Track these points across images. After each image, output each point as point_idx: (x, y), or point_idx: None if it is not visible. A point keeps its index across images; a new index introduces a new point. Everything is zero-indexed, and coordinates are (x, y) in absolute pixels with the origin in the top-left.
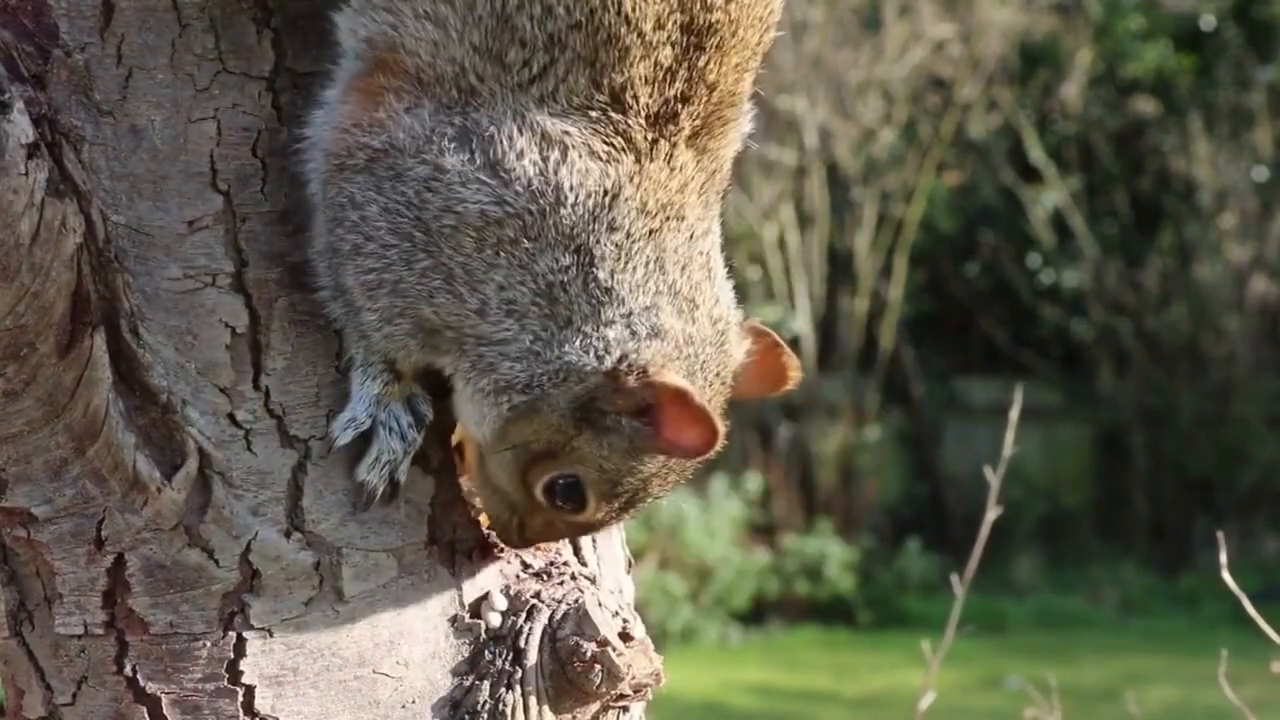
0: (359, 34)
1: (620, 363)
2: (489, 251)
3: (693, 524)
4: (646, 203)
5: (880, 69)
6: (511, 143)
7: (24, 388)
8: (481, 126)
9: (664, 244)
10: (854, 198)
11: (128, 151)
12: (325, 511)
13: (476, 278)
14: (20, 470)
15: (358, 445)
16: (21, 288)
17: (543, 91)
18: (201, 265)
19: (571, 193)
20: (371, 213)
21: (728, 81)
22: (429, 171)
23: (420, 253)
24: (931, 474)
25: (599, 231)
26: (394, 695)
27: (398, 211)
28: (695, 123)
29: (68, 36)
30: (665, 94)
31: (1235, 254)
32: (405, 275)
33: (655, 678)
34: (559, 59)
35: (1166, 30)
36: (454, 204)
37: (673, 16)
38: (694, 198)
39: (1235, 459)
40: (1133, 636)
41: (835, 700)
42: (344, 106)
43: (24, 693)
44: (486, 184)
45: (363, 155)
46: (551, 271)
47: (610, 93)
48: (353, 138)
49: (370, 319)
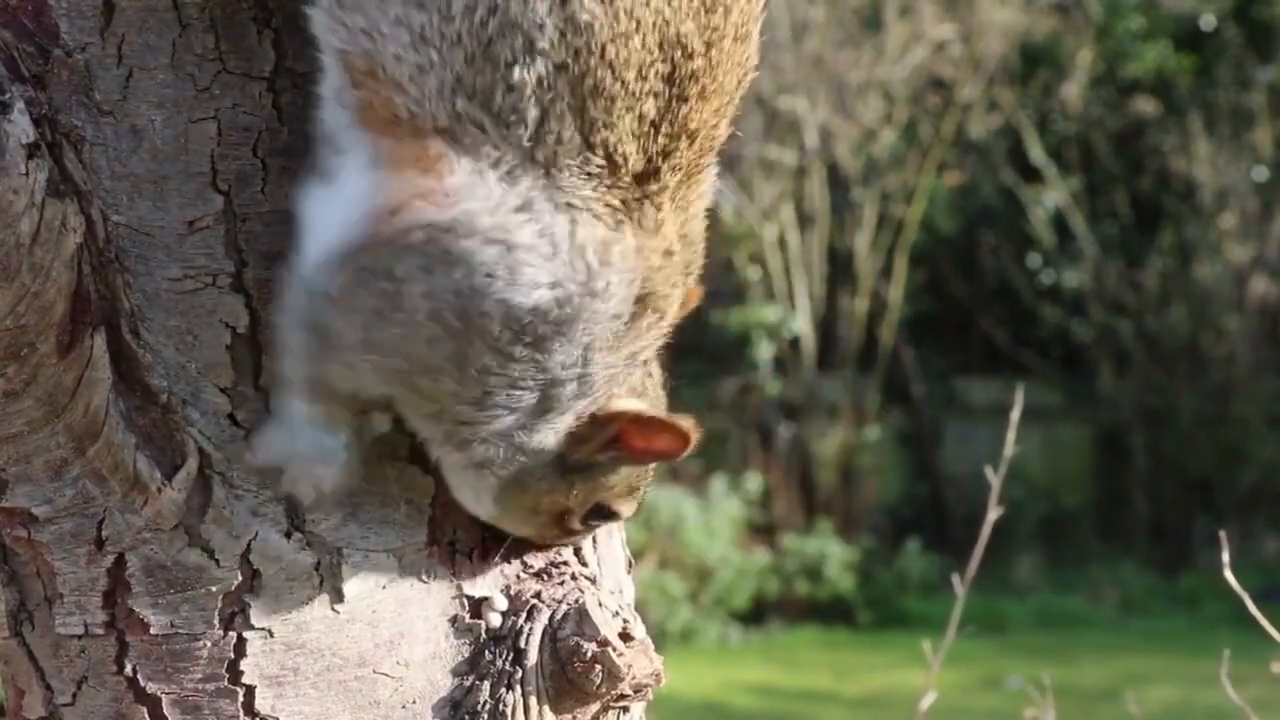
0: (332, 43)
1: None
2: (521, 347)
3: (693, 524)
4: (647, 280)
5: (881, 69)
6: (555, 219)
7: (24, 388)
8: (530, 197)
9: (649, 327)
10: (854, 198)
11: (128, 152)
12: (325, 512)
13: (492, 372)
14: (20, 470)
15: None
16: (22, 288)
17: (545, 158)
18: (202, 265)
19: (604, 280)
20: (410, 293)
21: (707, 127)
22: (496, 255)
23: (446, 339)
24: (931, 474)
25: (611, 323)
26: (394, 695)
27: (444, 300)
28: (676, 177)
29: (68, 36)
30: (648, 150)
31: (1235, 254)
32: (418, 350)
33: (655, 678)
34: (550, 111)
35: (1166, 30)
36: (514, 292)
37: (654, 66)
38: (678, 267)
39: (1235, 459)
40: (1133, 636)
41: (835, 700)
42: (388, 174)
43: (24, 693)
44: (547, 264)
45: (421, 234)
46: (562, 368)
47: (604, 153)
48: (413, 213)
49: (339, 364)
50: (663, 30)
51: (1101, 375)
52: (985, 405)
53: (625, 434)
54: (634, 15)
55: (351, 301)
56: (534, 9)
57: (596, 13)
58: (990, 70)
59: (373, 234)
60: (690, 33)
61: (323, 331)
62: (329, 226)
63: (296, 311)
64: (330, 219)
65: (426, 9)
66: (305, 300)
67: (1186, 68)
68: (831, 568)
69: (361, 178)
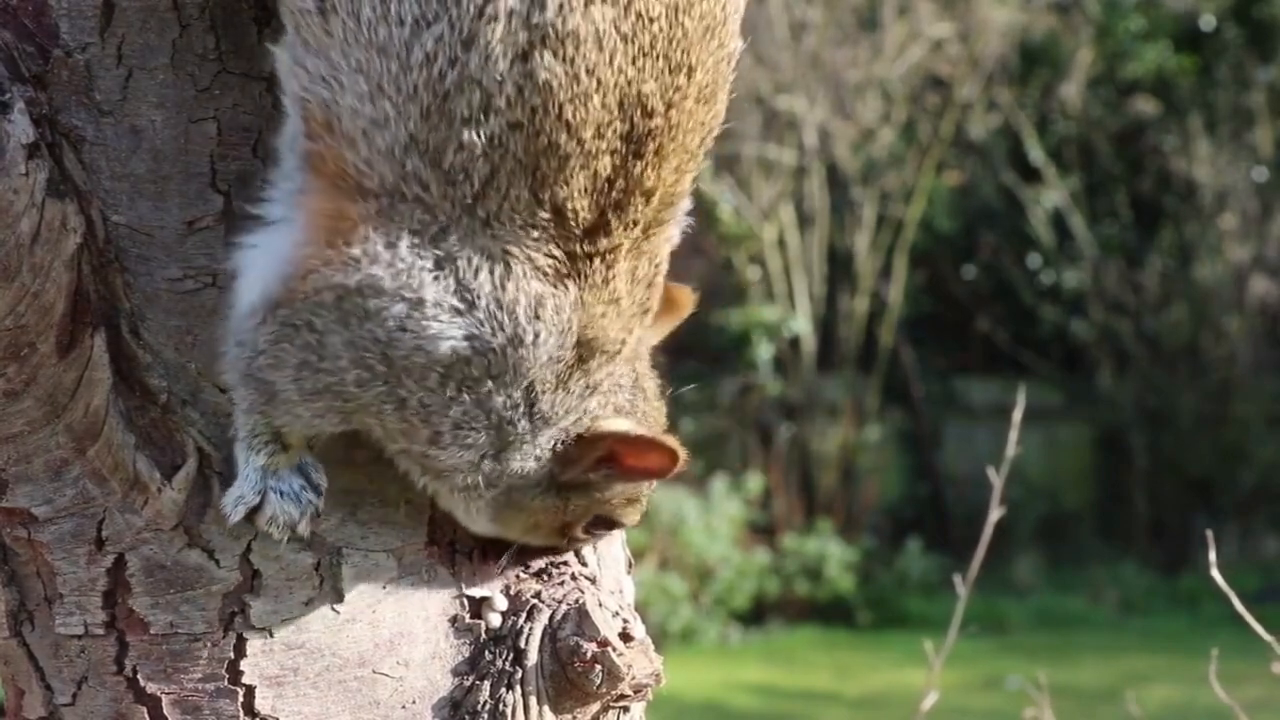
0: (293, 88)
1: (558, 448)
2: (451, 389)
3: (693, 524)
4: (586, 329)
5: (879, 68)
6: (477, 274)
7: (24, 388)
8: (453, 255)
9: (600, 366)
10: (854, 198)
11: (128, 152)
12: (325, 512)
13: (432, 411)
14: (21, 470)
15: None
16: (22, 288)
17: (488, 212)
18: (201, 265)
19: (532, 332)
20: (332, 342)
21: (665, 185)
22: (405, 310)
23: (379, 382)
24: (932, 474)
25: (549, 366)
26: (394, 695)
27: (364, 348)
28: (632, 233)
29: (68, 37)
30: (601, 204)
31: (1235, 254)
32: (356, 393)
33: (655, 678)
34: (500, 168)
35: (1166, 30)
36: (426, 342)
37: (612, 125)
38: (626, 312)
39: (1235, 459)
40: (1132, 636)
41: (835, 700)
42: (303, 236)
43: (24, 693)
44: (459, 319)
45: (331, 294)
46: (504, 408)
47: (552, 208)
48: (321, 277)
49: (285, 414)
50: (623, 90)
51: (1101, 375)
52: (985, 405)
53: (616, 453)
54: (595, 74)
55: (279, 354)
56: (495, 64)
57: (557, 71)
58: (989, 70)
59: (289, 290)
60: (652, 93)
61: (261, 384)
62: (254, 281)
63: (236, 366)
64: (254, 273)
65: (387, 55)
66: (239, 353)
67: (1186, 68)
68: (832, 568)
69: (283, 237)
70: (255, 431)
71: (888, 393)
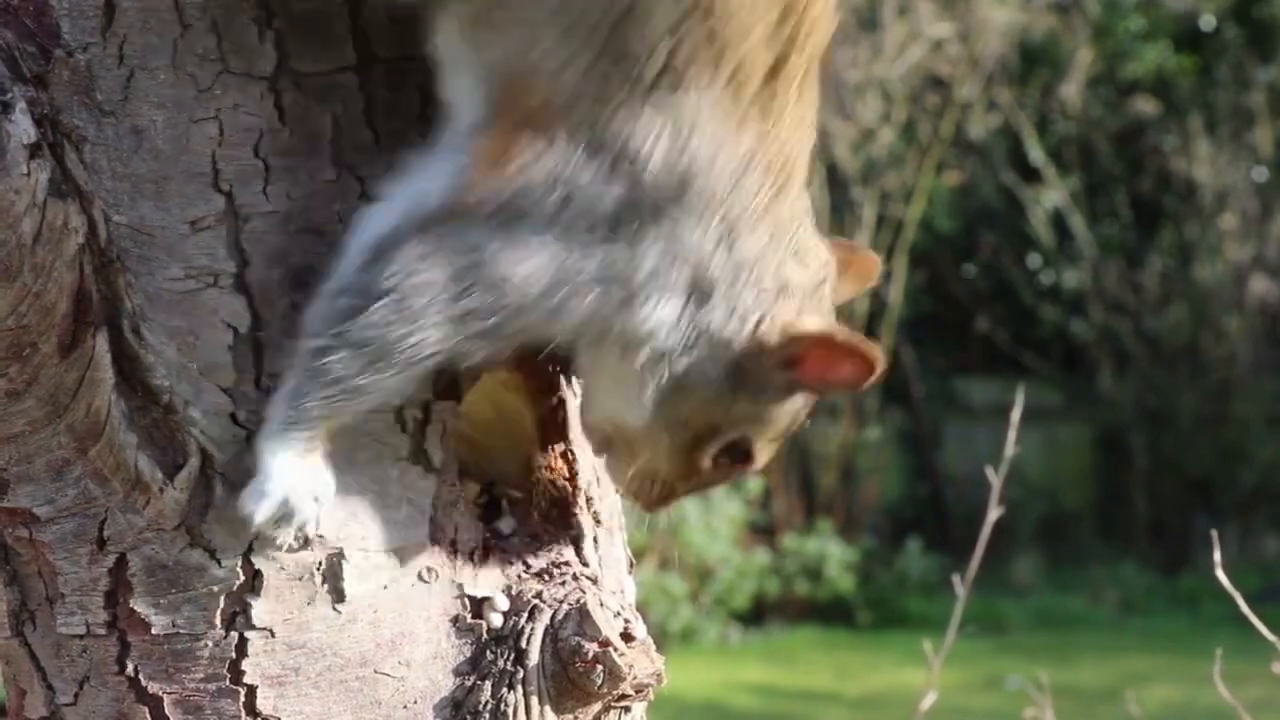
0: (482, 58)
1: (760, 325)
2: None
3: (693, 524)
4: (771, 166)
5: (879, 68)
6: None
7: (26, 388)
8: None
9: (783, 204)
10: (854, 198)
11: (129, 152)
12: (326, 512)
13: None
14: (22, 470)
15: None
16: (24, 288)
17: (671, 83)
18: (203, 265)
19: (709, 165)
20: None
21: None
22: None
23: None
24: (932, 474)
25: (735, 202)
26: (395, 695)
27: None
28: (802, 71)
29: (69, 37)
30: (776, 50)
31: (1235, 254)
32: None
33: (656, 678)
34: (681, 47)
35: (1166, 30)
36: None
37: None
38: (802, 150)
39: (1235, 459)
40: (1132, 636)
41: (835, 700)
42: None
43: (25, 693)
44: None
45: (489, 206)
46: (698, 247)
47: (734, 65)
48: (476, 192)
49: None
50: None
51: (1101, 375)
52: (985, 405)
53: (808, 356)
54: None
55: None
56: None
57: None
58: (989, 70)
59: (449, 207)
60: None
61: (372, 329)
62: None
63: (329, 324)
64: (379, 219)
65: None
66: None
67: (1186, 68)
68: (832, 568)
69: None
70: (293, 420)
71: (888, 393)
